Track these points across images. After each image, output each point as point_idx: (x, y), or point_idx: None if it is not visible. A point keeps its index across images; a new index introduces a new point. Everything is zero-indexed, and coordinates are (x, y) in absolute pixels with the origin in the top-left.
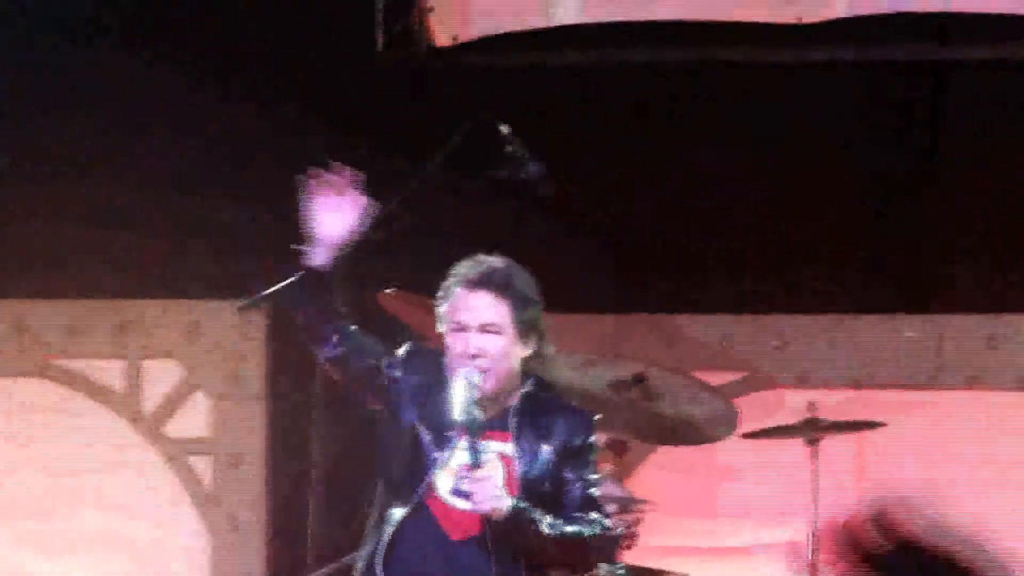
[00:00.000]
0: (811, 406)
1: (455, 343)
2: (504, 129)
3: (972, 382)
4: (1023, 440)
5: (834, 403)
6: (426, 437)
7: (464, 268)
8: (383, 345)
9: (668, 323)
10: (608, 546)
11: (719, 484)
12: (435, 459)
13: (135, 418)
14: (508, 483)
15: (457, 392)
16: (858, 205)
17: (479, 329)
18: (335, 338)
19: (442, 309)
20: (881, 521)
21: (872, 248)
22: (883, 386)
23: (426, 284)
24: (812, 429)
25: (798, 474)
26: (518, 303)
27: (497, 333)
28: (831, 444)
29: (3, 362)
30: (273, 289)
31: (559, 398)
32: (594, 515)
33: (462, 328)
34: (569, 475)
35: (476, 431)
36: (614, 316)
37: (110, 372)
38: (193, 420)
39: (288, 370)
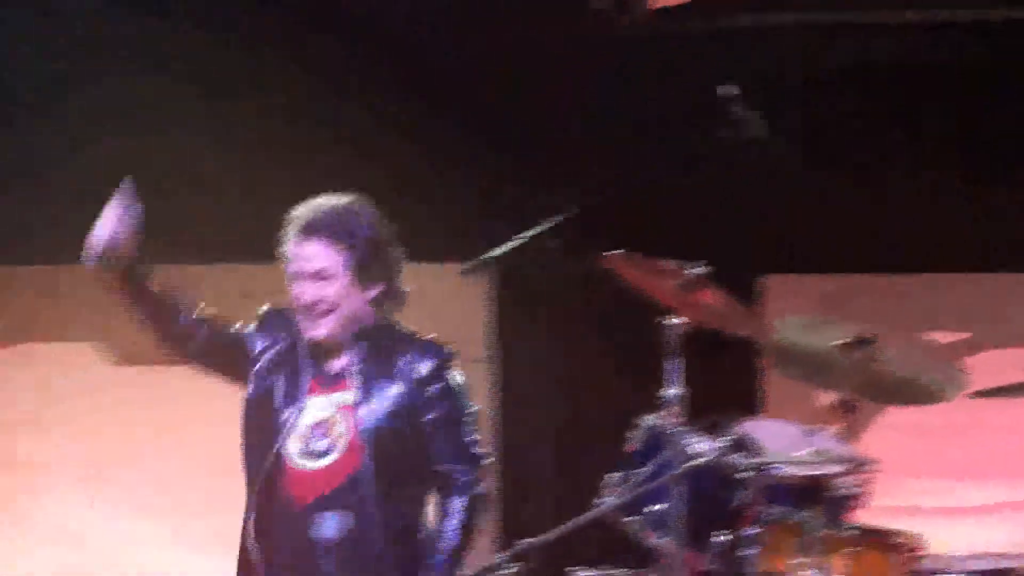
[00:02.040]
0: None
1: (294, 289)
2: (728, 90)
3: None
4: None
5: None
6: (279, 398)
7: (299, 212)
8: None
9: (894, 283)
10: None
11: (949, 444)
12: (284, 422)
13: None
14: (352, 439)
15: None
16: None
17: (313, 276)
18: (190, 333)
19: (283, 254)
20: None
21: None
22: None
23: (654, 248)
24: None
25: None
26: (353, 245)
27: (332, 278)
28: None
29: None
30: (499, 251)
31: (405, 335)
32: (458, 504)
33: (298, 275)
34: (429, 418)
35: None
36: (840, 276)
37: None
38: None
39: (511, 333)
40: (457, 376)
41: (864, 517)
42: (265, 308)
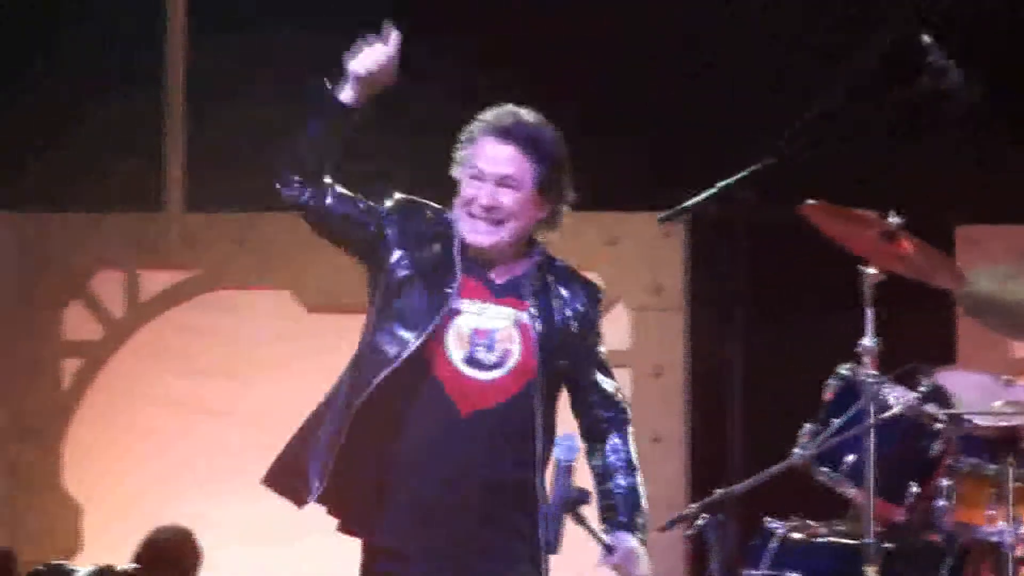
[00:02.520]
0: None
1: (470, 190)
2: (926, 39)
3: None
4: None
5: None
6: (428, 288)
7: (492, 116)
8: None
9: None
10: None
11: None
12: (442, 307)
13: None
14: (524, 352)
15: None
16: None
17: (497, 181)
18: (306, 182)
19: (464, 153)
20: None
21: None
22: None
23: (850, 199)
24: None
25: None
26: (542, 161)
27: (515, 188)
28: None
29: None
30: (694, 201)
31: (569, 266)
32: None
33: (480, 177)
34: (590, 352)
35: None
36: None
37: None
38: (613, 332)
39: (708, 280)
40: (601, 307)
41: None
42: (399, 196)
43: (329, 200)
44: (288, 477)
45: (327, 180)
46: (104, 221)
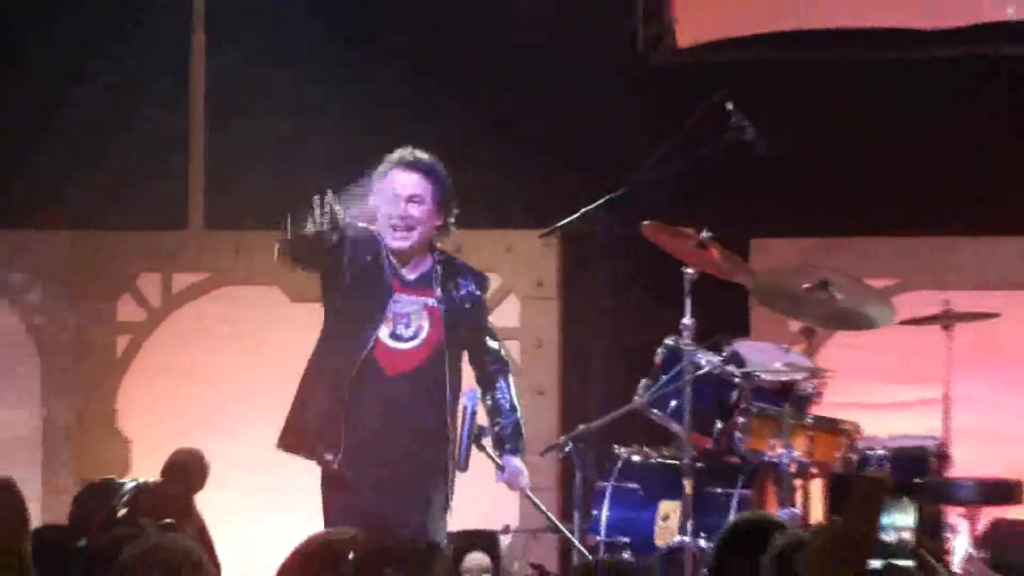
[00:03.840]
0: (946, 303)
1: (388, 208)
2: (729, 105)
3: None
4: None
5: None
6: (368, 289)
7: (398, 155)
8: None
9: (844, 243)
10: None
11: (879, 358)
12: (377, 312)
13: None
14: (432, 328)
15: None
16: None
17: (407, 199)
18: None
19: (379, 185)
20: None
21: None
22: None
23: (676, 219)
24: (947, 318)
25: (937, 352)
26: (438, 184)
27: (421, 203)
28: (960, 330)
29: None
30: (565, 221)
31: (463, 262)
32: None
33: (395, 197)
34: (480, 328)
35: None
36: (806, 239)
37: None
38: (507, 315)
39: (576, 279)
40: (486, 293)
41: (819, 410)
42: (347, 220)
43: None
44: (297, 438)
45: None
46: (144, 237)
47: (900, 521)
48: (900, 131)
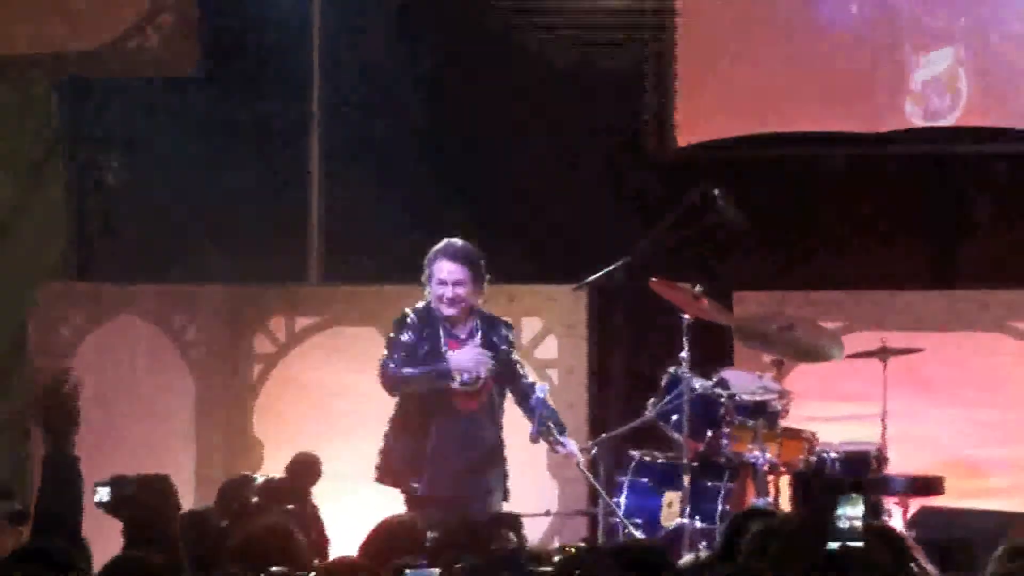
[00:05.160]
0: (883, 340)
1: (439, 289)
2: (716, 191)
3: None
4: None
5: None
6: (431, 352)
7: (442, 247)
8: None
9: (809, 296)
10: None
11: (833, 382)
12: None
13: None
14: (487, 373)
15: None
16: None
17: (453, 283)
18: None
19: (429, 270)
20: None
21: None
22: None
23: (677, 277)
24: (884, 353)
25: (876, 378)
26: (474, 268)
27: (463, 285)
28: (893, 362)
29: None
30: (593, 278)
31: (495, 315)
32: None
33: (444, 282)
34: (516, 365)
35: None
36: (778, 292)
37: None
38: (548, 349)
39: (600, 321)
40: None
41: (786, 422)
42: (410, 314)
43: None
44: (390, 474)
45: None
46: (274, 290)
47: (851, 512)
48: (850, 209)
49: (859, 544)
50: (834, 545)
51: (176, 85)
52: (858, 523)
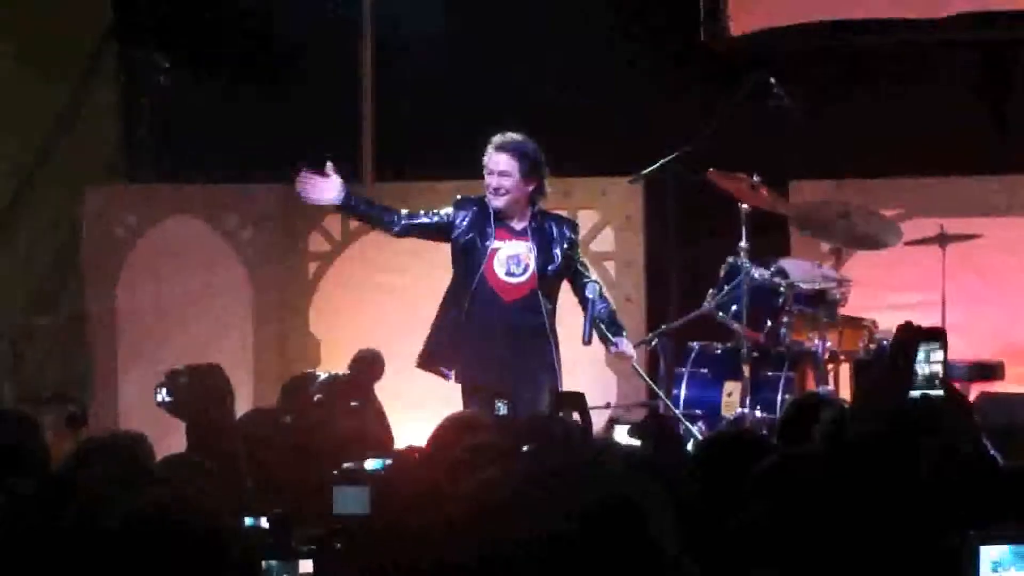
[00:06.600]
0: (940, 227)
1: (488, 178)
2: (772, 79)
3: None
4: None
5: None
6: (478, 241)
7: (496, 138)
8: (424, 212)
9: (866, 183)
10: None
11: (890, 271)
12: (488, 251)
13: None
14: (533, 267)
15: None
16: None
17: (499, 174)
18: (392, 227)
19: (484, 160)
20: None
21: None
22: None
23: (734, 166)
24: (942, 240)
25: (934, 265)
26: (523, 160)
27: (509, 176)
28: (952, 248)
29: None
30: (648, 170)
31: (556, 213)
32: (609, 307)
33: (491, 172)
34: (577, 263)
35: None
36: (837, 180)
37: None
38: (604, 241)
39: (656, 213)
40: (579, 235)
41: (845, 311)
42: (456, 198)
43: (399, 230)
44: (425, 359)
45: (398, 221)
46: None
47: (932, 356)
48: (904, 95)
49: (939, 393)
50: (915, 393)
51: None
52: (939, 369)
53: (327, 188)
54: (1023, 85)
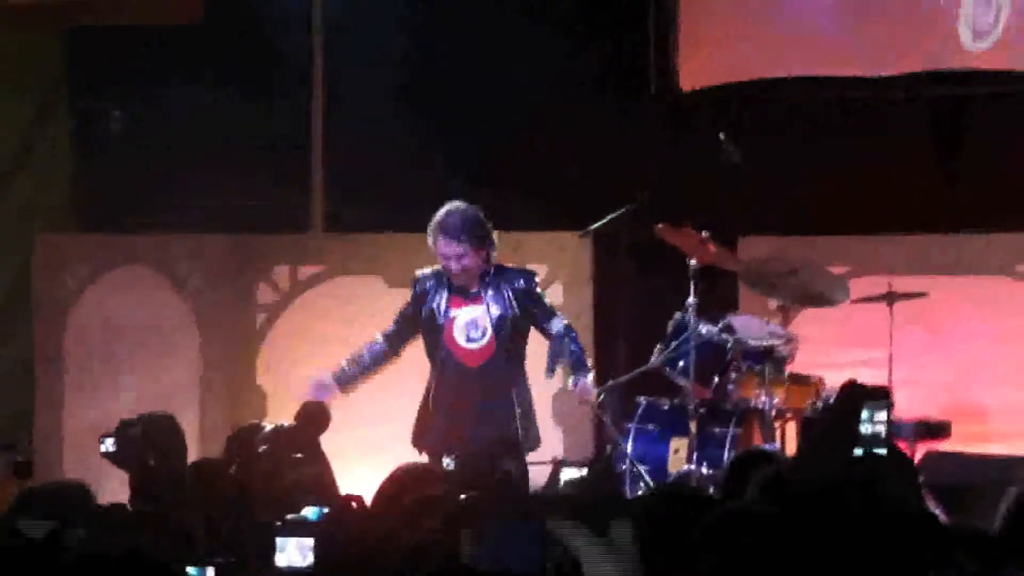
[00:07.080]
0: (889, 285)
1: (445, 263)
2: (721, 135)
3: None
4: None
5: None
6: (435, 314)
7: (440, 220)
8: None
9: (817, 240)
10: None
11: (837, 328)
12: (445, 322)
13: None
14: (492, 327)
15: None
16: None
17: (456, 258)
18: (387, 355)
19: (431, 241)
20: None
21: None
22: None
23: (683, 223)
24: (890, 297)
25: (882, 323)
26: (475, 239)
27: (466, 257)
28: (899, 306)
29: None
30: (597, 224)
31: (509, 267)
32: (574, 347)
33: (447, 257)
34: (535, 311)
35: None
36: (786, 237)
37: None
38: (553, 295)
39: (605, 268)
40: (536, 283)
41: (792, 368)
42: (416, 274)
43: (391, 349)
44: (419, 444)
45: (385, 345)
46: (279, 238)
47: (876, 415)
48: (855, 153)
49: (882, 451)
50: (858, 451)
51: (181, 33)
52: (883, 429)
53: (323, 391)
54: (972, 143)
